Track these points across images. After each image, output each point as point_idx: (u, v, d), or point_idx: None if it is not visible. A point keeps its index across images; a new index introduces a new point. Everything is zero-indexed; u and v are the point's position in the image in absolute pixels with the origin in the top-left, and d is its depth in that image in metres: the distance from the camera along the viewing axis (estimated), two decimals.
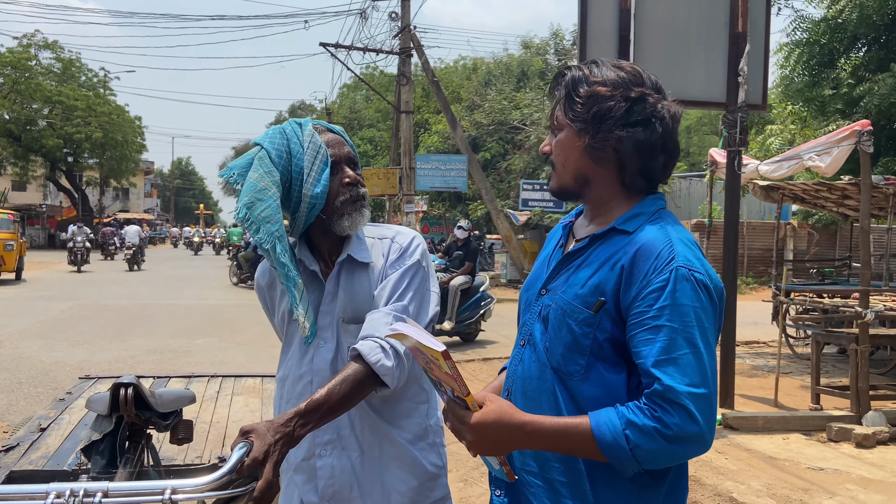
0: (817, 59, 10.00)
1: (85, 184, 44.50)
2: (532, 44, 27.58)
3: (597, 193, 1.45)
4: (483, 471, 4.89)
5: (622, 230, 1.39)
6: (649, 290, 1.29)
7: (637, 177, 1.42)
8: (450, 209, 25.92)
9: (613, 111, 1.37)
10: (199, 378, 3.32)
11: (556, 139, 1.46)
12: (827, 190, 9.24)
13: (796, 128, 11.25)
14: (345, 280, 1.78)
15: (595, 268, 1.38)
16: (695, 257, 1.33)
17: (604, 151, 1.40)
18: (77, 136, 36.92)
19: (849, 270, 11.70)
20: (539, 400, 1.42)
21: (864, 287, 6.10)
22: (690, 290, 1.28)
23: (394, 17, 18.81)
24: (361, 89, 38.66)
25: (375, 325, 1.66)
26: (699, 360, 1.26)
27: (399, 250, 1.79)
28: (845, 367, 7.66)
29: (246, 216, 1.70)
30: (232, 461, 1.32)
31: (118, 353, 8.92)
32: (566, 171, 1.46)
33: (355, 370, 1.58)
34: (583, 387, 1.37)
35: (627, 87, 1.38)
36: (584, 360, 1.36)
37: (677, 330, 1.26)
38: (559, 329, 1.39)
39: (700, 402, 1.23)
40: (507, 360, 1.61)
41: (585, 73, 1.42)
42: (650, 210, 1.42)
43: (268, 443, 1.39)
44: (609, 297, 1.34)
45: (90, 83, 41.24)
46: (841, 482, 4.71)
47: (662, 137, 1.39)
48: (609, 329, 1.34)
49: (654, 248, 1.32)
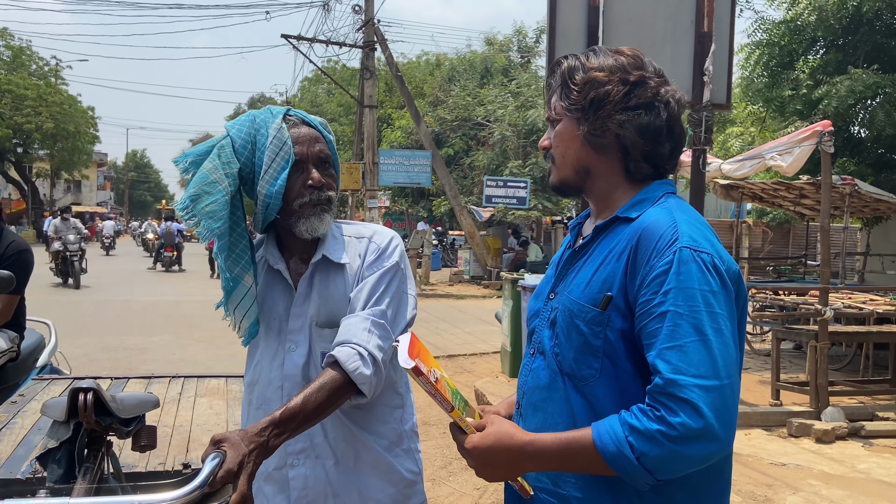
0: (777, 61, 10.18)
1: (35, 176, 43.10)
2: (495, 41, 27.62)
3: (599, 185, 1.38)
4: (450, 469, 4.84)
5: (625, 217, 1.31)
6: (653, 276, 1.19)
7: (642, 163, 1.33)
8: (413, 205, 25.83)
9: (611, 95, 1.30)
10: (159, 379, 3.19)
11: (555, 131, 1.39)
12: (785, 189, 9.43)
13: (756, 129, 11.46)
14: (319, 282, 1.69)
15: (600, 261, 1.30)
16: (703, 237, 1.23)
17: (604, 138, 1.32)
18: (27, 126, 35.71)
19: (804, 268, 11.97)
20: (550, 410, 1.33)
21: (824, 285, 6.22)
22: (697, 272, 1.18)
23: (357, 11, 18.61)
24: (323, 83, 38.25)
25: (352, 330, 1.58)
26: (708, 349, 1.14)
27: (377, 251, 1.70)
28: (802, 363, 7.82)
29: (188, 208, 1.61)
30: (204, 473, 1.24)
31: (70, 352, 8.57)
32: (566, 163, 1.38)
33: (332, 377, 1.50)
34: (599, 392, 1.26)
35: (626, 71, 1.31)
36: (597, 363, 1.26)
37: (682, 315, 1.15)
38: (568, 332, 1.30)
39: (709, 396, 1.11)
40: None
41: (582, 61, 1.35)
42: (655, 195, 1.33)
43: (242, 453, 1.31)
44: (616, 291, 1.25)
45: (41, 72, 39.95)
46: (803, 477, 4.79)
47: (668, 123, 1.31)
48: (620, 326, 1.24)
49: (657, 231, 1.23)
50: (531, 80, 21.76)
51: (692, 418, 1.11)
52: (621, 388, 1.25)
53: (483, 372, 7.81)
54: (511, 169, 19.50)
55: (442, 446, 5.27)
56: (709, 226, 1.30)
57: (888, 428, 5.79)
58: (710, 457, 1.14)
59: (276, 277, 1.73)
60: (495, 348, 8.65)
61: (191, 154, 1.68)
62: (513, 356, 7.10)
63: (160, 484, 1.32)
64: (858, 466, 5.03)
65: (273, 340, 1.71)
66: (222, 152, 1.64)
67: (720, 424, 1.12)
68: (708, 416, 1.11)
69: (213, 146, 1.67)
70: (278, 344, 1.70)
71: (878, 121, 9.19)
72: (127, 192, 73.18)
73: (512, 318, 7.07)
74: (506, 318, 7.29)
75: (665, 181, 1.37)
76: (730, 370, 1.15)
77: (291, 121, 1.69)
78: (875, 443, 5.57)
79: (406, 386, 1.81)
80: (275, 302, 1.72)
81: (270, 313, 1.72)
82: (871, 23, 9.68)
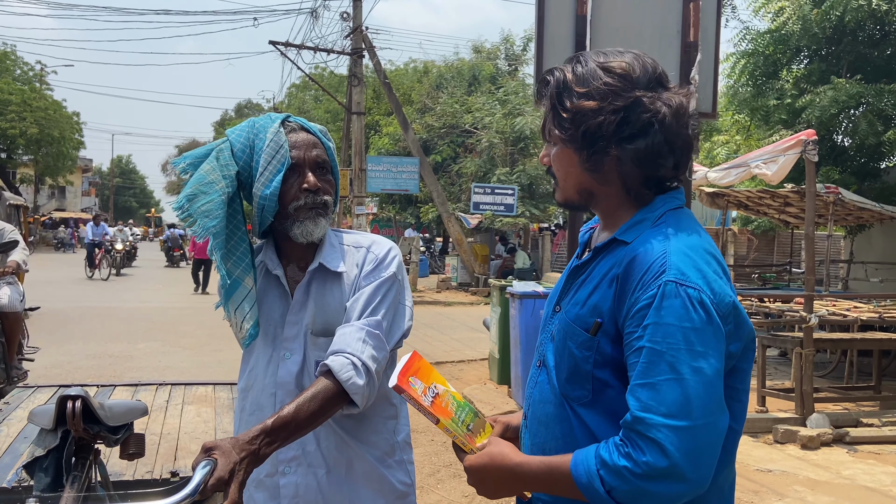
0: (762, 70, 10.28)
1: (19, 181, 42.63)
2: (483, 48, 27.71)
3: (603, 205, 1.35)
4: (438, 477, 4.83)
5: (621, 241, 1.28)
6: (636, 309, 1.18)
7: (642, 189, 1.30)
8: (400, 212, 25.81)
9: (604, 128, 1.24)
10: (146, 386, 3.17)
11: (554, 154, 1.35)
12: (770, 197, 9.51)
13: (741, 138, 11.56)
14: (316, 290, 1.69)
15: (594, 284, 1.28)
16: (692, 268, 1.18)
17: (602, 169, 1.28)
18: (11, 131, 35.39)
19: (789, 276, 12.07)
20: (553, 426, 1.32)
21: (809, 292, 6.28)
22: (680, 307, 1.14)
23: (345, 18, 18.62)
24: (311, 89, 38.21)
25: (347, 339, 1.58)
26: (682, 388, 1.12)
27: (374, 261, 1.70)
28: (787, 370, 7.87)
29: (184, 207, 1.62)
30: (195, 481, 1.23)
31: (55, 359, 8.53)
32: (568, 186, 1.35)
33: (325, 387, 1.50)
34: (591, 414, 1.26)
35: (616, 95, 1.24)
36: (589, 385, 1.26)
37: (658, 352, 1.14)
38: (562, 352, 1.30)
39: (677, 436, 1.10)
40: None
41: (568, 81, 1.28)
42: (654, 215, 1.29)
43: (233, 461, 1.31)
44: (606, 317, 1.23)
45: (25, 77, 39.65)
46: (789, 484, 4.82)
47: (666, 140, 1.25)
48: (609, 352, 1.23)
49: (646, 261, 1.20)
50: (519, 88, 21.85)
51: (657, 458, 1.11)
52: (614, 411, 1.23)
53: (471, 379, 7.80)
54: (499, 176, 19.56)
55: (430, 454, 5.25)
56: (708, 250, 1.24)
57: (872, 434, 5.83)
58: (680, 496, 1.13)
59: (274, 283, 1.73)
60: (483, 355, 8.65)
61: (189, 156, 1.69)
62: (501, 363, 7.10)
63: (148, 492, 1.32)
64: (843, 472, 5.07)
65: (268, 346, 1.71)
66: (221, 155, 1.65)
67: (689, 465, 1.11)
68: (674, 456, 1.10)
69: (211, 150, 1.68)
70: (273, 350, 1.70)
71: (861, 130, 9.30)
72: (112, 198, 72.67)
73: (500, 326, 7.08)
74: (494, 325, 7.30)
75: (669, 196, 1.32)
76: (708, 409, 1.13)
77: (290, 126, 1.70)
78: (860, 449, 5.61)
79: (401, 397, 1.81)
80: (271, 308, 1.72)
81: (266, 319, 1.72)
82: (853, 33, 9.81)
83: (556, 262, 20.61)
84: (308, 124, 1.72)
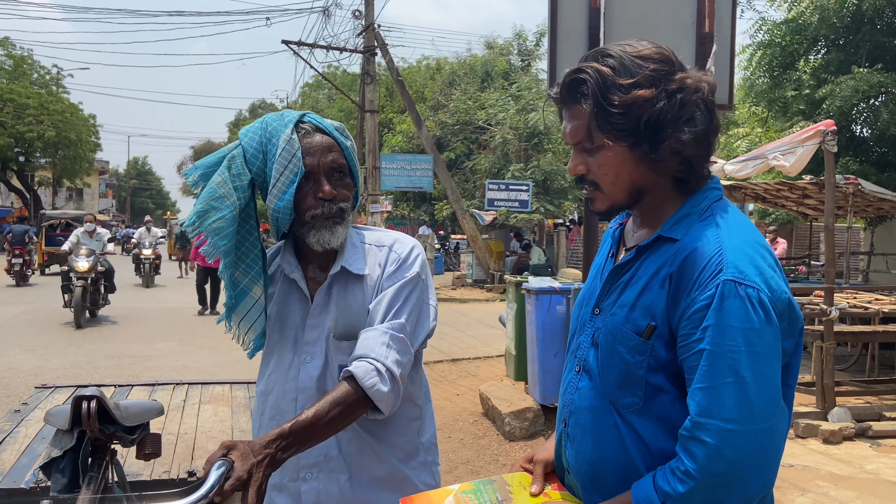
0: (779, 61, 10.15)
1: (37, 184, 43.14)
2: (495, 44, 27.63)
3: (651, 201, 1.29)
4: (456, 475, 4.82)
5: (669, 238, 1.23)
6: (694, 309, 1.14)
7: (700, 172, 1.26)
8: (414, 209, 25.81)
9: (665, 113, 1.19)
10: (163, 386, 3.17)
11: (596, 158, 1.26)
12: (788, 189, 9.39)
13: (761, 130, 11.42)
14: (338, 293, 1.64)
15: (643, 284, 1.23)
16: (750, 265, 1.15)
17: (662, 161, 1.23)
18: (29, 135, 35.75)
19: (808, 269, 11.93)
20: (600, 434, 1.27)
21: (829, 285, 6.19)
22: (740, 308, 1.11)
23: (357, 16, 18.63)
24: (324, 88, 38.30)
25: (371, 344, 1.53)
26: (744, 391, 1.10)
27: (397, 261, 1.65)
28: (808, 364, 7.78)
29: (196, 224, 1.58)
30: (210, 481, 1.21)
31: (74, 359, 8.62)
32: (618, 189, 1.27)
33: (346, 393, 1.46)
34: (643, 421, 1.22)
35: (667, 79, 1.20)
36: (641, 392, 1.21)
37: (719, 354, 1.11)
38: (610, 356, 1.25)
39: (739, 440, 1.08)
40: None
41: (609, 76, 1.20)
42: (700, 208, 1.25)
43: (251, 463, 1.28)
44: (660, 320, 1.19)
45: (43, 81, 40.02)
46: (811, 479, 4.75)
47: (711, 118, 1.22)
48: (664, 356, 1.19)
49: (701, 259, 1.16)
50: (532, 84, 21.75)
51: (715, 462, 1.09)
52: (666, 417, 1.20)
53: (487, 376, 7.78)
54: (513, 172, 19.49)
55: (447, 451, 5.24)
56: (761, 243, 1.21)
57: (895, 428, 5.75)
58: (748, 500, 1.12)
59: (293, 286, 1.69)
60: (499, 352, 8.62)
61: (200, 166, 1.63)
62: (517, 359, 7.07)
63: (165, 493, 1.30)
64: (867, 467, 4.99)
65: (289, 350, 1.67)
66: (233, 163, 1.60)
67: (750, 469, 1.10)
68: (734, 460, 1.09)
69: (224, 156, 1.62)
70: (294, 354, 1.66)
71: (881, 120, 9.16)
72: (129, 200, 73.32)
73: (516, 322, 7.04)
74: (510, 322, 7.26)
75: (709, 187, 1.28)
76: (769, 412, 1.11)
77: (304, 129, 1.61)
78: (883, 443, 5.53)
79: (426, 396, 1.76)
80: (291, 311, 1.68)
81: (286, 322, 1.68)
82: (872, 21, 9.66)
83: (571, 257, 20.52)
84: (324, 123, 1.64)
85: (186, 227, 1.61)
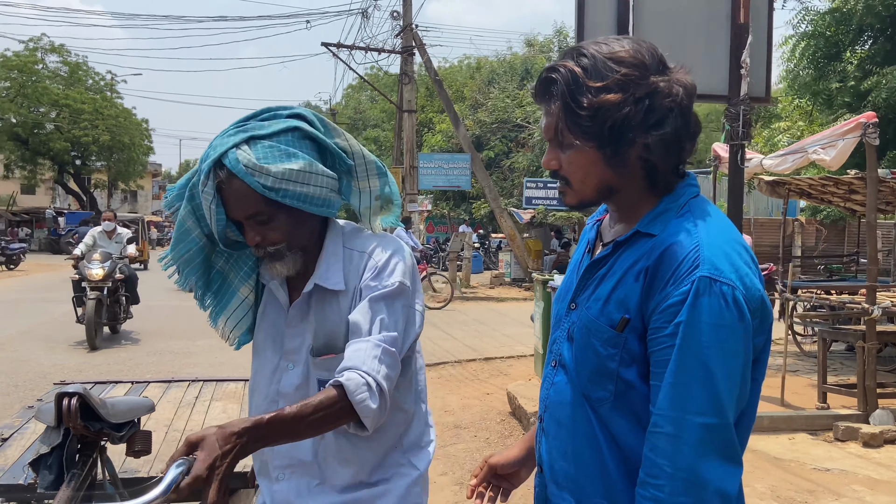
0: (823, 52, 9.80)
1: (93, 186, 44.64)
2: (536, 42, 27.45)
3: (623, 198, 1.29)
4: None
5: (646, 233, 1.24)
6: (668, 304, 1.15)
7: (670, 175, 1.26)
8: (454, 208, 25.82)
9: (631, 120, 1.19)
10: (178, 383, 3.23)
11: (567, 156, 1.26)
12: (833, 185, 9.07)
13: (804, 123, 11.06)
14: (316, 305, 1.60)
15: (618, 278, 1.24)
16: (727, 262, 1.16)
17: (629, 162, 1.23)
18: (84, 139, 37.01)
19: (857, 266, 11.52)
20: (573, 429, 1.28)
21: (871, 283, 5.97)
22: (714, 306, 1.12)
23: (395, 17, 18.72)
24: (367, 89, 38.60)
25: (363, 357, 1.46)
26: (712, 387, 1.12)
27: (374, 269, 1.57)
28: (854, 365, 7.51)
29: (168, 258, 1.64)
30: (165, 482, 1.18)
31: (117, 356, 8.87)
32: (587, 186, 1.28)
33: (333, 401, 1.41)
34: (613, 416, 1.23)
35: (636, 85, 1.19)
36: (612, 386, 1.22)
37: (692, 351, 1.12)
38: (585, 350, 1.26)
39: (709, 434, 1.11)
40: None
41: (580, 78, 1.20)
42: (678, 204, 1.25)
43: (214, 456, 1.23)
44: (633, 313, 1.20)
45: (97, 86, 41.31)
46: (847, 483, 4.59)
47: (685, 123, 1.22)
48: (637, 349, 1.20)
49: (678, 254, 1.17)
50: None
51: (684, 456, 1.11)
52: (635, 413, 1.21)
53: (518, 375, 7.73)
54: None
55: (472, 450, 5.22)
56: (738, 240, 1.21)
57: None
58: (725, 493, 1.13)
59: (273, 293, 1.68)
60: (532, 351, 8.56)
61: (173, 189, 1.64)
62: (544, 358, 7.00)
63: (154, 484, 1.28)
64: None
65: (275, 353, 1.66)
66: (195, 191, 1.57)
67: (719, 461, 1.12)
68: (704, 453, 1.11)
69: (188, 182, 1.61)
70: (279, 358, 1.65)
71: None
72: None
73: (543, 320, 6.98)
74: (538, 320, 7.20)
75: (687, 183, 1.29)
76: (732, 408, 1.14)
77: (220, 177, 1.49)
78: None
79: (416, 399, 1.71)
80: (277, 315, 1.67)
81: (272, 324, 1.68)
82: None
83: None
84: (235, 167, 1.46)
85: (161, 260, 1.67)
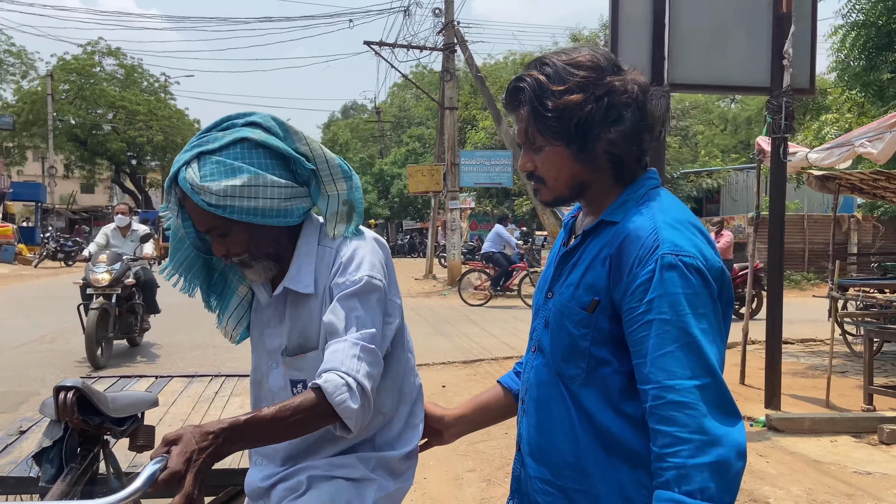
0: (874, 42, 9.39)
1: (148, 185, 46.00)
2: (581, 36, 27.18)
3: (593, 192, 1.40)
4: (507, 471, 4.77)
5: (610, 221, 1.35)
6: (636, 285, 1.25)
7: (634, 165, 1.38)
8: (497, 205, 25.72)
9: (593, 116, 1.31)
10: (201, 378, 3.30)
11: (540, 157, 1.38)
12: (886, 179, 8.71)
13: (853, 116, 10.65)
14: (290, 305, 1.61)
15: (587, 265, 1.35)
16: (684, 239, 1.26)
17: (595, 157, 1.35)
18: (139, 139, 38.18)
19: None
20: (549, 405, 1.39)
21: None
22: (679, 278, 1.22)
23: (437, 14, 18.74)
24: (412, 88, 38.80)
25: (341, 357, 1.45)
26: (697, 350, 1.20)
27: (341, 266, 1.55)
28: None
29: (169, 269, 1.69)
30: (142, 477, 1.20)
31: (161, 350, 9.11)
32: (560, 184, 1.40)
33: (312, 403, 1.39)
34: (584, 392, 1.33)
35: (594, 85, 1.32)
36: (584, 363, 1.32)
37: (669, 321, 1.21)
38: (559, 332, 1.36)
39: (707, 393, 1.18)
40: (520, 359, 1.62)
41: (543, 83, 1.33)
42: (638, 194, 1.36)
43: (190, 450, 1.26)
44: (602, 295, 1.30)
45: (151, 88, 42.55)
46: (889, 487, 4.41)
47: (642, 116, 1.33)
48: (607, 328, 1.30)
49: (639, 239, 1.27)
50: None
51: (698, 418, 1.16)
52: (605, 389, 1.30)
53: None
54: None
55: (501, 447, 5.20)
56: (692, 222, 1.31)
57: None
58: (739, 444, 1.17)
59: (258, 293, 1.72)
60: None
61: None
62: None
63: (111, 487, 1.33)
64: None
65: (263, 353, 1.69)
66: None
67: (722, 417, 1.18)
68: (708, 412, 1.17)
69: None
70: (267, 357, 1.67)
71: None
72: None
73: None
74: None
75: (647, 175, 1.40)
76: (719, 364, 1.22)
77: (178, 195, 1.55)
78: None
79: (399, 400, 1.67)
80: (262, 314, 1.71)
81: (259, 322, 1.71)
82: None
83: None
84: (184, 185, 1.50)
85: (161, 272, 1.73)
